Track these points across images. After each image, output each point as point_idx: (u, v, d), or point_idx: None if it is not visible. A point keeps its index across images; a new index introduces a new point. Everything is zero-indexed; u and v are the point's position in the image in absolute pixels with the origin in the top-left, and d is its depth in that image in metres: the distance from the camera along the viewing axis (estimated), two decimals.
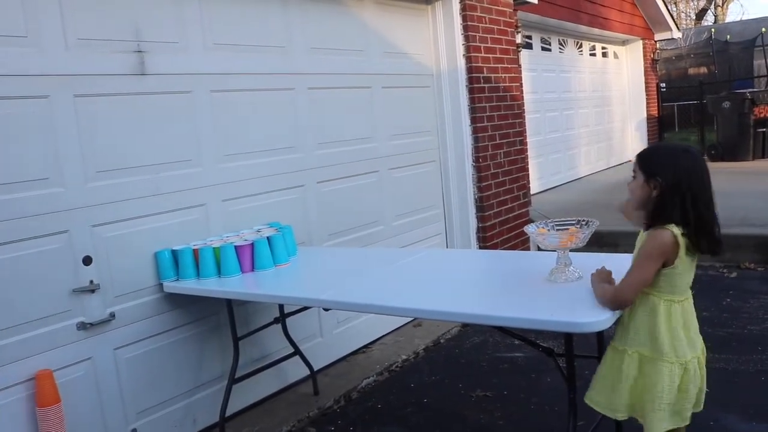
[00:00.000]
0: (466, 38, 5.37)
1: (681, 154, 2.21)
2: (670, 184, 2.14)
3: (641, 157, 2.29)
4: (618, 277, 2.25)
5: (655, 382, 2.18)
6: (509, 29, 5.98)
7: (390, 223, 4.87)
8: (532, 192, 6.53)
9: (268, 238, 3.41)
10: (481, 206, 5.55)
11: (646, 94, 12.08)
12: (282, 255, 3.44)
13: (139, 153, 3.26)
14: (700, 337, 2.32)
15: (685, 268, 2.18)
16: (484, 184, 5.54)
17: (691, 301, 2.29)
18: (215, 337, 3.60)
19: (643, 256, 2.17)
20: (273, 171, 3.94)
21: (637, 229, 2.32)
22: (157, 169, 3.33)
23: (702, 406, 2.33)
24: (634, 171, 2.28)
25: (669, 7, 11.82)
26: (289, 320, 3.76)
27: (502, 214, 5.82)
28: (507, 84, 5.92)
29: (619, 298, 2.18)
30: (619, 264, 2.33)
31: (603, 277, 2.33)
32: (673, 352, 2.18)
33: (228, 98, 3.70)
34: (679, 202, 2.12)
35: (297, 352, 3.84)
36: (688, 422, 2.27)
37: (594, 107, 10.75)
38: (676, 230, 2.11)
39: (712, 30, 18.22)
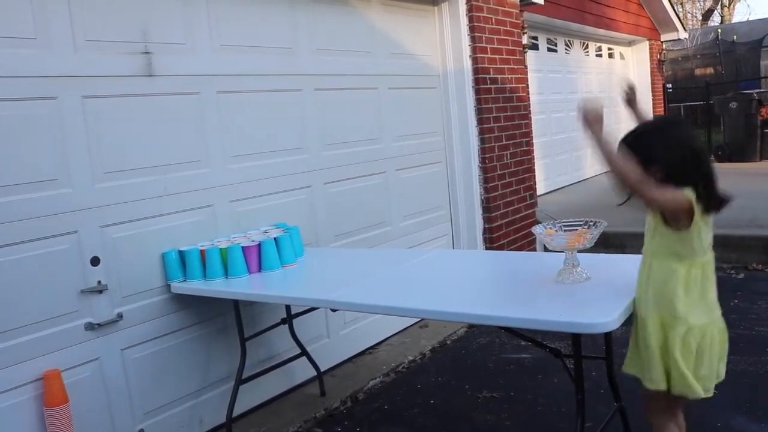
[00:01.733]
0: (473, 39, 5.37)
1: (669, 129, 2.20)
2: (673, 164, 2.12)
3: (630, 145, 2.22)
4: (620, 278, 2.24)
5: (674, 345, 2.16)
6: (515, 30, 5.98)
7: (397, 224, 4.87)
8: (538, 193, 6.51)
9: (275, 238, 3.42)
10: (487, 207, 5.54)
11: (653, 95, 12.05)
12: (289, 256, 3.45)
13: (146, 154, 3.27)
14: (718, 306, 2.29)
15: (701, 229, 2.15)
16: (490, 185, 5.53)
17: (713, 265, 2.25)
18: (222, 338, 3.61)
19: (676, 193, 2.10)
20: (280, 172, 3.95)
21: (637, 230, 2.30)
22: (164, 170, 3.34)
23: (723, 377, 2.30)
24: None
25: (675, 8, 11.78)
26: (295, 321, 3.76)
27: (509, 215, 5.82)
28: (513, 85, 5.91)
29: (640, 186, 2.10)
30: (627, 265, 2.33)
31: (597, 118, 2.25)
32: (690, 315, 2.16)
33: (235, 99, 3.70)
34: (686, 173, 2.11)
35: (304, 352, 3.85)
36: (711, 394, 2.23)
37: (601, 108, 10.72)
38: (690, 194, 2.09)
39: (719, 30, 18.17)
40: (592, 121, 2.25)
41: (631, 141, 2.25)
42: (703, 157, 2.18)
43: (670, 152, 2.14)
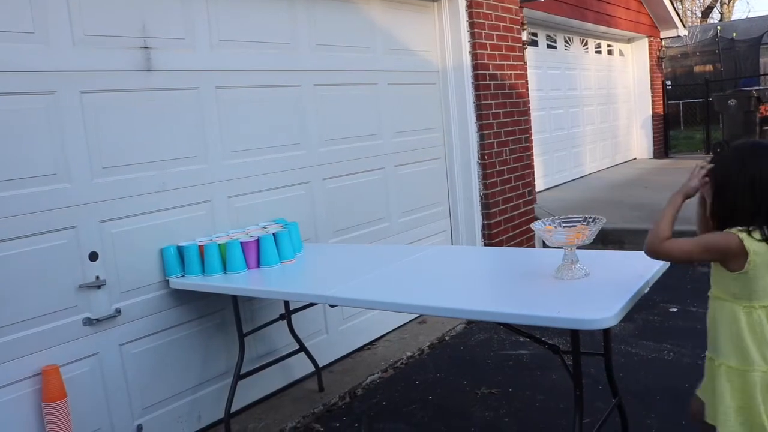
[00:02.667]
0: (472, 35, 5.37)
1: (748, 160, 2.06)
2: (727, 187, 2.05)
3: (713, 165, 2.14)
4: (619, 274, 2.24)
5: (752, 394, 2.02)
6: (515, 26, 5.97)
7: (395, 220, 4.87)
8: (537, 189, 6.52)
9: (273, 234, 3.41)
10: (486, 203, 5.54)
11: (652, 92, 12.06)
12: (287, 251, 3.45)
13: (145, 149, 3.26)
14: None
15: (761, 272, 2.01)
16: (489, 181, 5.53)
17: None
18: (220, 333, 3.61)
19: (702, 238, 2.09)
20: (279, 167, 3.95)
21: (641, 226, 2.30)
22: (163, 166, 3.34)
23: None
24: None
25: (675, 5, 11.77)
26: (294, 317, 3.76)
27: (508, 211, 5.82)
28: (512, 81, 5.91)
29: (660, 247, 2.08)
30: (626, 261, 2.33)
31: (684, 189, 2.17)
32: (763, 360, 2.02)
33: (234, 95, 3.70)
34: (739, 205, 2.03)
35: (302, 348, 3.85)
36: None
37: (599, 105, 10.73)
38: (741, 233, 1.99)
39: (718, 28, 18.17)
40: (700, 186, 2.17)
41: (714, 160, 2.17)
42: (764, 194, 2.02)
43: (741, 188, 2.03)
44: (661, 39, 12.20)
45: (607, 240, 5.89)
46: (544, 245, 2.77)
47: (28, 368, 2.80)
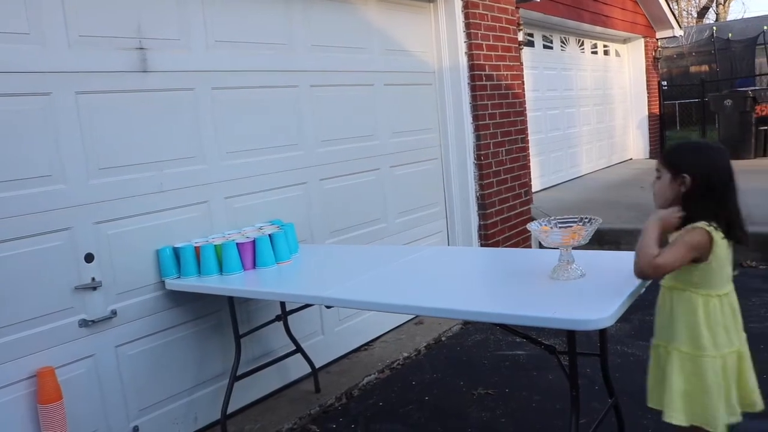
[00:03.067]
0: (468, 36, 5.37)
1: (707, 150, 2.24)
2: (699, 180, 2.16)
3: (667, 154, 2.29)
4: (615, 275, 2.25)
5: (703, 377, 2.16)
6: (511, 27, 5.97)
7: (392, 221, 4.87)
8: (533, 190, 6.52)
9: (270, 235, 3.41)
10: (482, 204, 5.54)
11: (648, 93, 12.07)
12: (284, 252, 3.44)
13: (141, 150, 3.26)
14: (742, 333, 2.30)
15: (720, 263, 2.17)
16: (485, 181, 5.53)
17: (733, 295, 2.28)
18: (217, 335, 3.60)
19: (683, 243, 2.14)
20: (275, 168, 3.94)
21: (638, 226, 2.31)
22: (159, 166, 3.33)
23: (761, 406, 2.30)
24: (657, 170, 2.28)
25: (671, 5, 11.79)
26: (290, 318, 3.76)
27: (504, 211, 5.82)
28: (509, 82, 5.91)
29: (658, 269, 2.13)
30: (622, 262, 2.33)
31: (658, 215, 2.25)
32: (714, 347, 2.17)
33: (230, 96, 3.69)
34: (710, 198, 2.14)
35: (299, 349, 3.84)
36: (739, 419, 2.22)
37: (595, 105, 10.74)
38: (709, 227, 2.12)
39: (714, 28, 18.21)
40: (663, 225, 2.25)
41: (669, 151, 2.31)
42: (731, 187, 2.18)
43: (700, 171, 2.17)
44: (657, 39, 12.22)
45: (603, 240, 5.90)
46: (541, 246, 2.77)
47: (23, 370, 2.80)
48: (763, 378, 3.63)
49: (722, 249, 2.15)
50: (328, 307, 3.91)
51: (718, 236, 2.13)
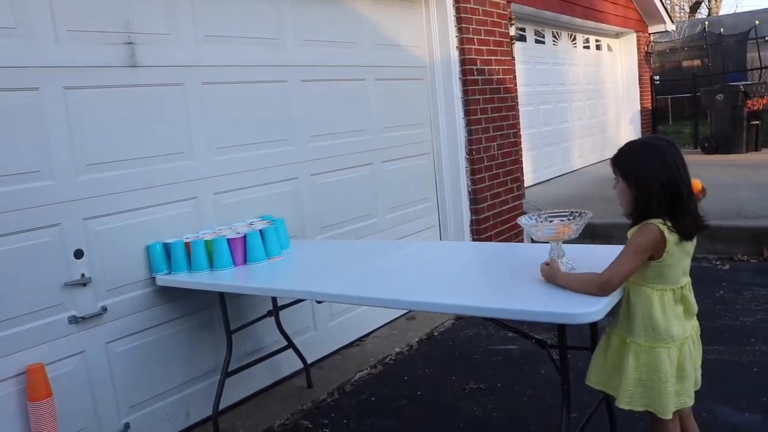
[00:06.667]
0: (460, 30, 5.36)
1: (650, 149, 2.23)
2: (644, 182, 2.18)
3: (615, 161, 2.32)
4: (605, 265, 2.25)
5: (658, 368, 2.22)
6: (503, 21, 5.97)
7: (383, 216, 4.86)
8: (526, 185, 6.52)
9: (260, 230, 3.40)
10: (474, 198, 5.54)
11: (640, 87, 12.08)
12: (275, 248, 3.43)
13: (130, 146, 3.24)
14: (694, 319, 2.37)
15: (675, 259, 2.21)
16: (477, 176, 5.53)
17: (689, 288, 2.33)
18: (208, 331, 3.59)
19: (630, 249, 2.21)
20: (266, 164, 3.93)
21: (624, 221, 2.33)
22: (148, 162, 3.31)
23: (700, 385, 2.38)
24: (614, 174, 2.32)
25: (663, 0, 11.80)
26: (282, 313, 3.75)
27: (496, 206, 5.82)
28: (500, 76, 5.90)
29: (607, 286, 2.21)
30: (613, 256, 2.32)
31: (554, 267, 2.40)
32: (669, 337, 2.23)
33: (220, 91, 3.67)
34: (658, 197, 2.16)
35: (290, 345, 3.84)
36: (692, 402, 2.32)
37: (588, 100, 10.75)
38: (662, 225, 2.15)
39: (706, 23, 18.24)
40: (547, 277, 2.41)
41: (617, 157, 2.32)
42: (678, 184, 2.18)
43: (644, 173, 2.19)
44: (650, 34, 12.23)
45: (595, 235, 5.91)
46: (533, 240, 2.77)
47: (12, 367, 2.78)
48: (754, 372, 3.67)
49: (674, 245, 2.18)
50: (319, 302, 3.93)
51: (671, 234, 2.15)
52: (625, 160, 2.28)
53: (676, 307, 2.27)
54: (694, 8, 28.60)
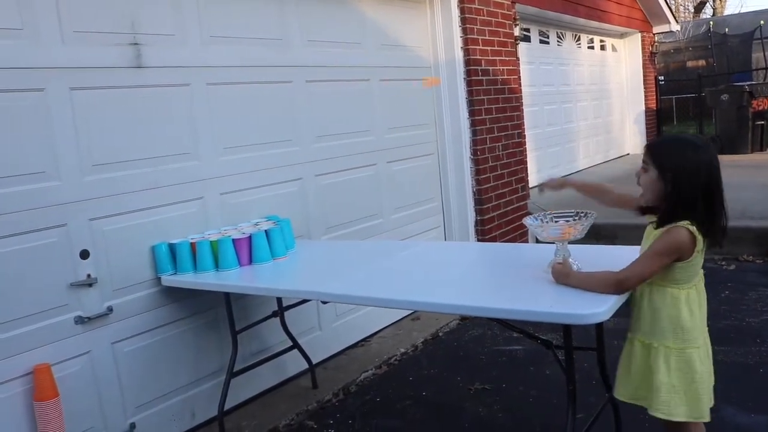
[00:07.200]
0: (464, 30, 5.36)
1: (695, 148, 2.16)
2: (683, 178, 2.12)
3: (654, 150, 2.24)
4: (611, 268, 2.24)
5: (692, 369, 2.18)
6: (507, 22, 5.97)
7: (388, 216, 4.87)
8: (530, 185, 6.51)
9: (266, 231, 3.40)
10: (479, 199, 5.54)
11: (645, 87, 12.05)
12: (280, 248, 3.43)
13: (136, 146, 3.24)
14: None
15: (700, 258, 2.20)
16: (482, 176, 5.53)
17: (702, 281, 2.31)
18: (213, 331, 3.59)
19: (656, 251, 2.15)
20: (271, 164, 3.93)
21: (635, 221, 2.32)
22: (154, 163, 3.32)
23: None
24: (644, 163, 2.24)
25: (668, 0, 11.77)
26: (287, 313, 3.75)
27: (501, 207, 5.82)
28: (505, 77, 5.90)
29: (624, 284, 2.18)
30: (618, 256, 2.32)
31: (568, 266, 2.37)
32: (699, 336, 2.21)
33: (225, 91, 3.68)
34: (695, 198, 2.11)
35: (295, 345, 3.84)
36: (712, 403, 2.26)
37: (592, 100, 10.73)
38: (692, 227, 2.11)
39: (711, 23, 18.18)
40: (560, 277, 2.38)
41: (657, 147, 2.28)
42: (717, 189, 2.14)
43: (687, 171, 2.12)
44: (654, 34, 12.20)
45: (600, 235, 5.90)
46: (537, 240, 2.76)
47: (19, 367, 2.79)
48: (760, 372, 3.66)
49: (701, 244, 2.16)
50: (324, 302, 3.92)
51: (700, 235, 2.13)
52: (666, 152, 2.20)
53: (698, 302, 2.24)
54: (698, 8, 28.53)
